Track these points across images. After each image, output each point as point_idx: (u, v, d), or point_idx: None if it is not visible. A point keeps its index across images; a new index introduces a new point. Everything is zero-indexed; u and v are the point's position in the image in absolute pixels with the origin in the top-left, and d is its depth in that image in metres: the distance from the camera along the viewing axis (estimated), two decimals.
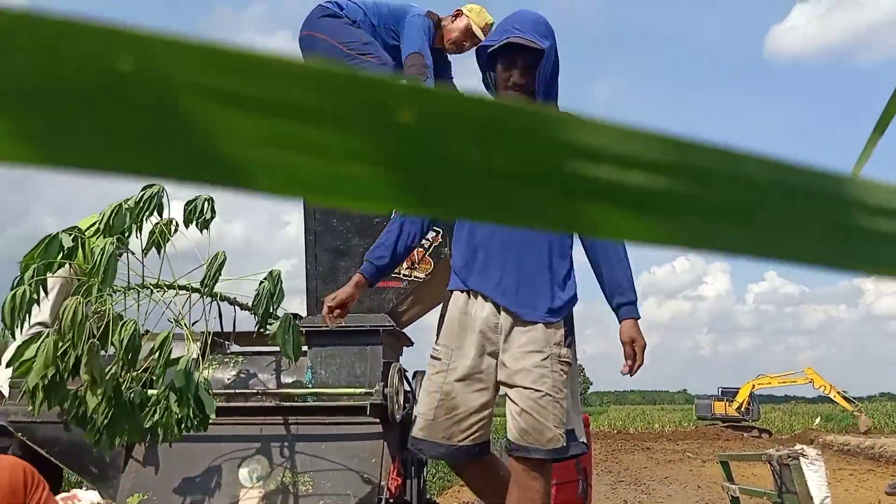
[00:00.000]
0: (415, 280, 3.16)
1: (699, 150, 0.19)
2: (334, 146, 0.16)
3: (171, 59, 0.15)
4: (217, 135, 0.16)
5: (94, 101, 0.15)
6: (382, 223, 3.18)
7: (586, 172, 0.18)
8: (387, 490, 3.02)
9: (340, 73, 0.16)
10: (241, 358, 3.36)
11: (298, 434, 3.14)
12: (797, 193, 0.20)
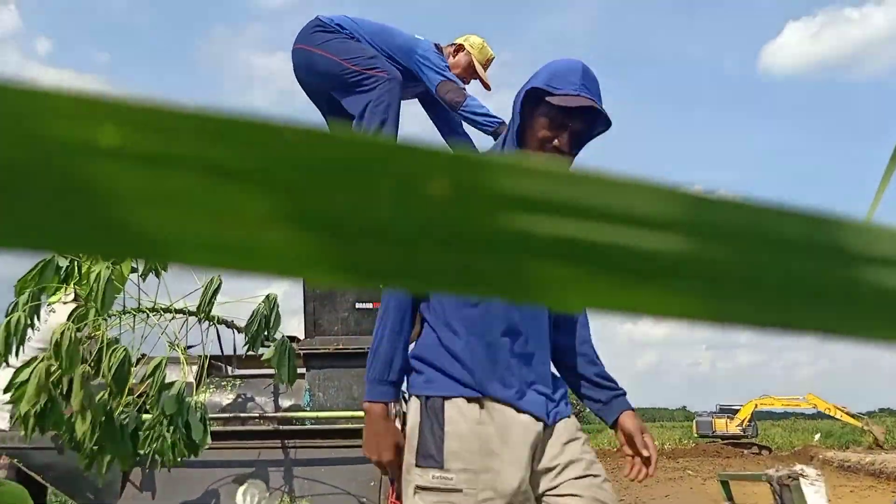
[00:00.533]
0: None
1: (690, 201, 0.17)
2: (255, 209, 0.15)
3: (158, 131, 0.14)
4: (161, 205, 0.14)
5: (54, 174, 0.14)
6: None
7: (540, 228, 0.16)
8: None
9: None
10: (239, 381, 3.34)
11: (296, 458, 3.11)
12: (805, 248, 0.18)
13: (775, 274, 0.17)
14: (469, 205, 0.16)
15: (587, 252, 0.16)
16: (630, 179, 0.17)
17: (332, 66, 3.26)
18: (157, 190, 0.14)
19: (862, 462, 21.51)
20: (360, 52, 3.25)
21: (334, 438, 3.11)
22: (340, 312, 3.20)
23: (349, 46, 3.27)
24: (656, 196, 0.17)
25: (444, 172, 0.16)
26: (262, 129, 0.15)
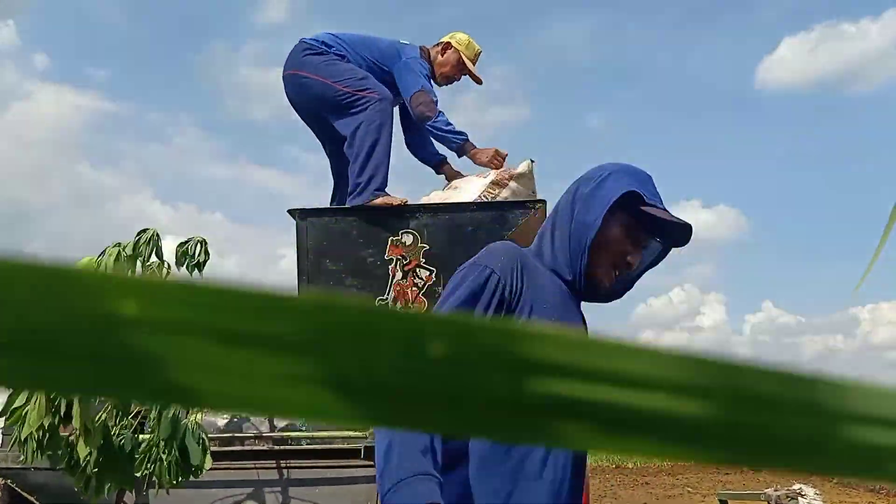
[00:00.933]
0: None
1: (698, 364, 0.19)
2: (268, 369, 0.17)
3: (175, 303, 0.16)
4: (232, 372, 0.17)
5: (87, 340, 0.16)
6: (376, 262, 3.19)
7: (561, 390, 0.18)
8: None
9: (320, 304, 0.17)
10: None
11: (292, 478, 3.10)
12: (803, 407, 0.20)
13: (758, 428, 0.20)
14: (465, 365, 0.17)
15: (572, 408, 0.18)
16: (625, 344, 0.19)
17: (325, 89, 3.29)
18: (176, 352, 0.17)
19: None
20: (350, 72, 3.28)
21: (330, 458, 3.10)
22: None
23: (339, 68, 3.30)
24: (646, 358, 0.19)
25: (443, 336, 0.17)
26: (270, 299, 0.17)
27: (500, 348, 0.18)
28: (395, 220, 3.20)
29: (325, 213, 3.31)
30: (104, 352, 0.16)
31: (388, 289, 3.17)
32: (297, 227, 3.22)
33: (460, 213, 3.19)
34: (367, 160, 3.21)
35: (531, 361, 0.18)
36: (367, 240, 3.20)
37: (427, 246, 3.16)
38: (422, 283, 3.15)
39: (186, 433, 2.36)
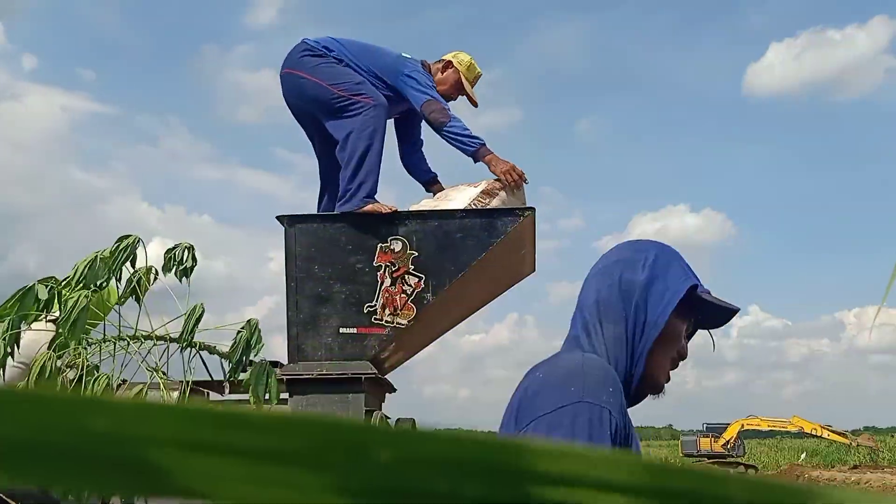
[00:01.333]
0: (397, 326, 3.14)
1: (674, 475, 0.20)
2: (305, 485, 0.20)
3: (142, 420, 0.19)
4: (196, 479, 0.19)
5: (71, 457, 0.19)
6: (364, 269, 3.18)
7: (556, 498, 0.19)
8: None
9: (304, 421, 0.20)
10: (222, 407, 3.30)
11: None
12: None
13: None
14: (408, 470, 0.20)
15: None
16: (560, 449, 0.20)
17: (320, 91, 3.27)
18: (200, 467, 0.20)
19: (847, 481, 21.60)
20: (347, 77, 3.27)
21: None
22: (324, 338, 3.18)
23: (337, 71, 3.29)
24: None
25: (389, 445, 0.20)
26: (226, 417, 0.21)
27: (442, 455, 0.20)
28: (384, 227, 3.19)
29: (313, 219, 3.30)
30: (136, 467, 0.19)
31: (376, 295, 3.16)
32: (285, 234, 3.21)
33: (449, 220, 3.19)
34: (359, 166, 3.20)
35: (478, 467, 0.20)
36: (355, 246, 3.19)
37: (416, 253, 3.15)
38: (410, 290, 3.14)
39: None
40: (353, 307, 3.18)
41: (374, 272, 3.16)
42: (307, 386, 3.16)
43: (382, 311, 3.15)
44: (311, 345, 3.20)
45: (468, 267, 3.15)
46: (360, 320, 3.17)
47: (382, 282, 3.15)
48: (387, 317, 3.15)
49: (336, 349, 3.18)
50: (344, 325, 3.18)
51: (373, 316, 3.15)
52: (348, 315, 3.18)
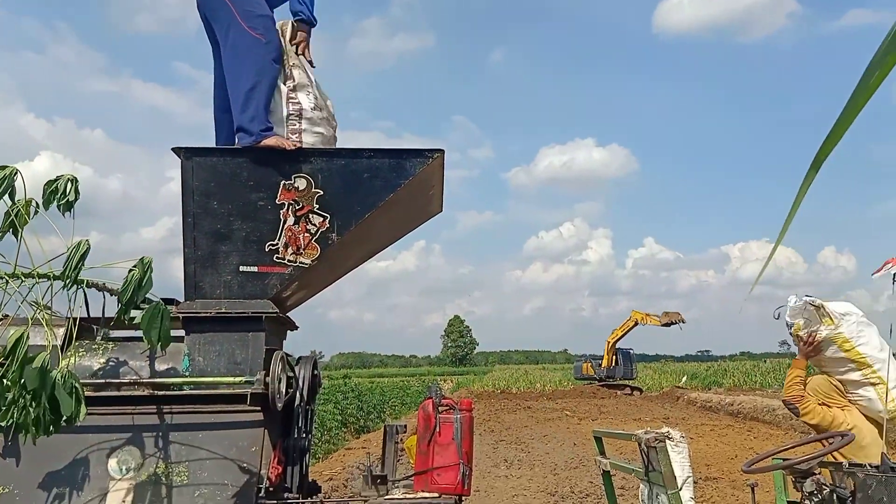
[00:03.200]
0: (300, 266, 3.08)
1: None
2: None
3: None
4: None
5: None
6: (266, 206, 3.08)
7: None
8: (267, 479, 2.98)
9: None
10: (112, 345, 3.18)
11: (173, 423, 3.02)
12: None
13: None
14: None
15: None
16: None
17: (224, 9, 3.18)
18: None
19: (722, 403, 23.52)
20: (253, 5, 3.19)
21: (214, 404, 3.03)
22: (224, 276, 3.09)
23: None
24: None
25: None
26: None
27: None
28: (287, 164, 3.08)
29: (213, 153, 3.14)
30: None
31: (279, 234, 3.07)
32: (182, 166, 3.04)
33: (356, 160, 3.11)
34: (248, 102, 3.11)
35: None
36: (257, 182, 3.07)
37: (321, 191, 3.07)
38: (315, 230, 3.07)
39: (56, 385, 2.23)
40: (253, 245, 3.09)
41: (276, 210, 3.07)
42: (205, 324, 3.08)
43: (285, 249, 3.08)
44: (209, 282, 3.10)
45: (375, 207, 3.10)
46: (262, 259, 3.09)
47: (285, 220, 3.06)
48: (289, 256, 3.08)
49: (236, 287, 3.10)
50: (244, 264, 3.10)
51: (275, 255, 3.08)
52: (249, 253, 3.09)
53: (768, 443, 13.44)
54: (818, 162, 0.75)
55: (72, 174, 2.54)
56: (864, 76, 0.70)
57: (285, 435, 3.26)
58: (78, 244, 2.39)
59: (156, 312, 2.51)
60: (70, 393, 2.30)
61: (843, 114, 0.72)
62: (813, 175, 0.76)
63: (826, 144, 0.74)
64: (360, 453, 11.86)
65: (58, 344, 2.84)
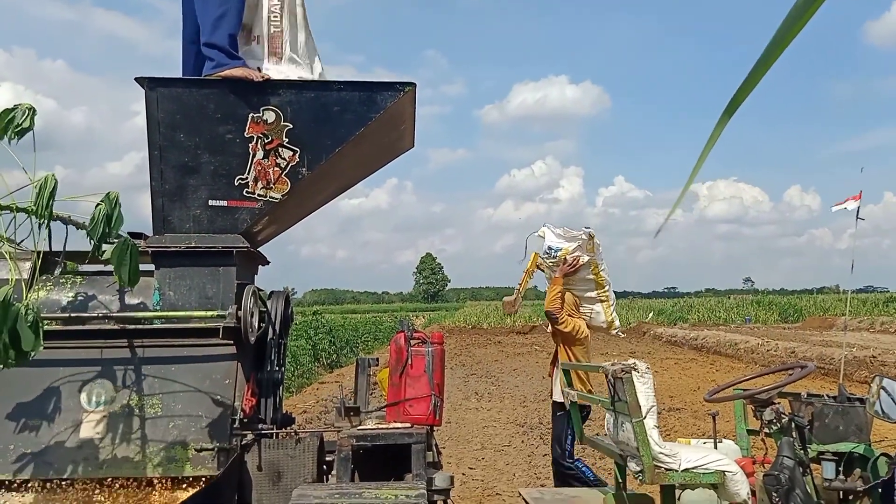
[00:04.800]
0: (270, 200, 3.05)
1: None
2: None
3: None
4: None
5: None
6: (235, 139, 3.02)
7: None
8: (241, 410, 3.02)
9: None
10: (81, 279, 3.15)
11: (145, 357, 3.03)
12: None
13: None
14: None
15: None
16: None
17: None
18: None
19: (687, 337, 24.18)
20: None
21: (188, 337, 3.04)
22: (192, 210, 3.05)
23: None
24: None
25: None
26: None
27: None
28: (255, 96, 3.00)
29: (178, 83, 3.04)
30: None
31: (248, 167, 3.03)
32: (146, 97, 2.96)
33: (326, 92, 3.05)
34: (215, 31, 3.00)
35: None
36: (224, 115, 3.00)
37: (290, 125, 3.01)
38: (284, 164, 3.03)
39: (19, 318, 2.21)
40: (222, 179, 3.04)
41: (245, 143, 3.01)
42: (174, 258, 3.05)
43: (255, 184, 3.04)
44: (178, 216, 3.06)
45: (345, 141, 3.06)
46: (231, 193, 3.05)
47: (254, 153, 3.01)
48: (259, 190, 3.04)
49: (205, 221, 3.07)
50: (213, 198, 3.05)
51: (244, 189, 3.04)
52: (218, 187, 3.04)
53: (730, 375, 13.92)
54: (733, 107, 0.72)
55: (29, 104, 2.46)
56: (787, 19, 0.67)
57: (258, 368, 3.30)
58: (45, 178, 2.33)
59: (125, 249, 2.48)
60: (31, 327, 2.28)
61: (762, 57, 0.69)
62: (726, 121, 0.73)
63: (742, 89, 0.71)
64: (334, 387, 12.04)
65: (23, 278, 2.80)
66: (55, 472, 2.86)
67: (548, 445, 8.17)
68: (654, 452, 3.01)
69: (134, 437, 2.93)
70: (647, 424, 3.01)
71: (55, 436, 2.89)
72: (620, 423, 3.25)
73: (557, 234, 4.77)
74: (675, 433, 8.34)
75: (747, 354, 18.14)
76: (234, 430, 2.97)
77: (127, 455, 2.90)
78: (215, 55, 2.99)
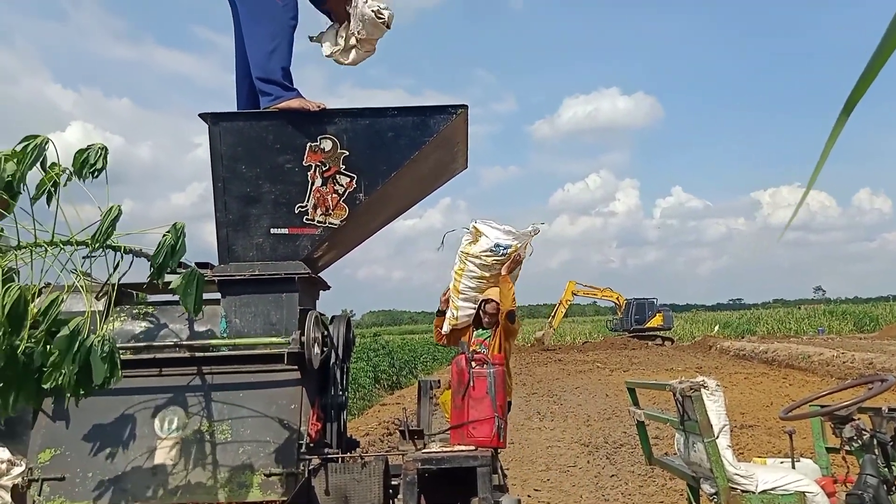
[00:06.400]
0: (329, 227, 3.10)
1: None
2: None
3: None
4: None
5: None
6: (294, 168, 3.08)
7: None
8: (307, 435, 3.05)
9: None
10: (153, 309, 3.25)
11: (214, 383, 3.10)
12: None
13: None
14: None
15: None
16: None
17: None
18: None
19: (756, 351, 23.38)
20: None
21: (253, 364, 3.10)
22: (255, 238, 3.13)
23: None
24: None
25: None
26: None
27: None
28: (312, 125, 3.07)
29: (238, 117, 3.15)
30: None
31: (307, 195, 3.09)
32: (209, 132, 3.06)
33: (381, 119, 3.09)
34: (267, 65, 3.10)
35: None
36: (283, 145, 3.08)
37: (347, 152, 3.06)
38: (342, 190, 3.08)
39: (92, 350, 2.29)
40: (283, 207, 3.11)
41: (304, 172, 3.08)
42: (240, 286, 3.13)
43: (314, 211, 3.10)
44: (241, 245, 3.14)
45: (401, 166, 3.09)
46: (292, 220, 3.11)
47: (313, 181, 3.07)
48: (318, 217, 3.10)
49: (268, 249, 3.14)
50: (275, 226, 3.13)
51: (304, 216, 3.10)
52: (279, 215, 3.12)
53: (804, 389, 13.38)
54: (850, 105, 0.71)
55: (102, 144, 2.57)
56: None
57: (322, 392, 3.33)
58: (109, 209, 2.43)
59: (191, 279, 2.55)
60: (105, 358, 2.36)
61: (876, 53, 0.67)
62: (844, 119, 0.72)
63: (859, 87, 0.70)
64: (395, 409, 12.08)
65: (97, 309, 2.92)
66: (131, 497, 2.95)
67: (615, 465, 8.00)
68: (728, 473, 2.90)
69: (205, 462, 2.99)
70: (720, 444, 2.91)
71: (130, 462, 2.98)
72: (692, 443, 3.15)
73: (506, 230, 4.50)
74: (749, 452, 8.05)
75: (822, 367, 17.41)
76: (301, 454, 3.01)
77: (199, 480, 2.96)
78: (271, 89, 3.08)
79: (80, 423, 3.04)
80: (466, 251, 4.53)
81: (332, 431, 3.32)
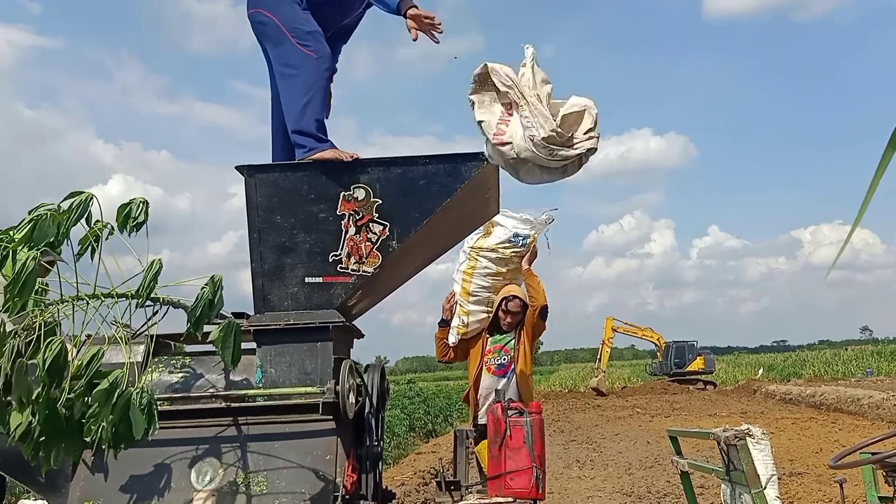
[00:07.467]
0: (363, 274, 3.12)
1: None
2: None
3: None
4: None
5: None
6: (328, 217, 3.12)
7: None
8: (342, 486, 3.02)
9: None
10: (189, 359, 3.28)
11: (250, 434, 3.10)
12: None
13: None
14: None
15: None
16: None
17: (278, 33, 3.25)
18: None
19: (803, 394, 22.64)
20: (301, 22, 3.24)
21: (288, 414, 3.09)
22: (290, 287, 3.15)
23: (293, 14, 3.25)
24: None
25: None
26: None
27: None
28: (346, 175, 3.12)
29: (273, 168, 3.22)
30: None
31: (341, 244, 3.12)
32: (245, 184, 3.13)
33: (412, 167, 3.13)
34: (302, 118, 3.18)
35: None
36: (318, 195, 3.13)
37: (379, 200, 3.10)
38: (375, 238, 3.10)
39: (130, 404, 2.31)
40: (317, 256, 3.14)
41: (337, 221, 3.11)
42: (274, 336, 3.15)
43: (348, 259, 3.12)
44: (276, 294, 3.17)
45: (432, 213, 3.11)
46: (326, 269, 3.14)
47: (347, 230, 3.11)
48: (352, 265, 3.12)
49: (302, 298, 3.16)
50: (309, 275, 3.15)
51: (338, 265, 3.12)
52: (313, 264, 3.15)
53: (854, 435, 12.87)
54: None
55: (143, 197, 2.64)
56: None
57: (358, 443, 3.30)
58: (151, 263, 2.48)
59: (228, 331, 2.58)
60: (143, 410, 2.38)
61: None
62: (891, 153, 0.70)
63: None
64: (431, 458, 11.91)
65: (136, 361, 2.96)
66: None
67: None
68: None
69: None
70: (768, 495, 2.80)
71: None
72: (738, 493, 3.04)
73: (523, 218, 4.13)
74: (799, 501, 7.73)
75: (872, 410, 16.76)
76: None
77: None
78: (306, 141, 3.15)
79: (117, 474, 3.05)
80: (478, 246, 4.11)
81: (368, 482, 3.28)
